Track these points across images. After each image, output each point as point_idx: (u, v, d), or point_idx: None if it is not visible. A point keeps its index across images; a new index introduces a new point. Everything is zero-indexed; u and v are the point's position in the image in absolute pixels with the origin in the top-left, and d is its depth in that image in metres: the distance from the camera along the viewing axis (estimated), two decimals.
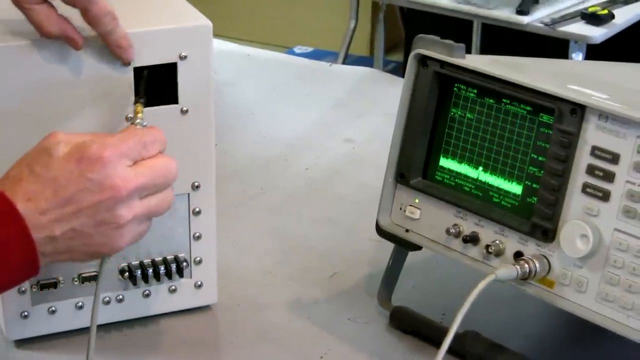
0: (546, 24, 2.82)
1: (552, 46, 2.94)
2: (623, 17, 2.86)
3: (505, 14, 2.86)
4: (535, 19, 2.84)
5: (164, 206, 1.10)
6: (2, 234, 0.99)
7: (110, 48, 1.16)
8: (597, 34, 2.77)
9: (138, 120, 1.15)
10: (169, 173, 1.09)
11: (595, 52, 2.83)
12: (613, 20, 2.82)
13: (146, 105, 1.20)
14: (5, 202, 1.00)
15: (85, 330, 1.28)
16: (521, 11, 2.85)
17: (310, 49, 4.41)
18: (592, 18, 2.81)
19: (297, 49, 4.41)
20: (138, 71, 1.20)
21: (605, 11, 2.83)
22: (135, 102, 1.17)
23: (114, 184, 1.03)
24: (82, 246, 1.05)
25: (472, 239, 1.20)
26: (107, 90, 1.18)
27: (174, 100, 1.23)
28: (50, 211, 1.02)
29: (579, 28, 2.80)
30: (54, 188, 1.02)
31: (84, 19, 1.13)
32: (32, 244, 1.01)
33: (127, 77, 1.19)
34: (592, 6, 2.90)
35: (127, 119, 1.19)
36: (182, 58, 1.21)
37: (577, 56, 2.83)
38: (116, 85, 1.19)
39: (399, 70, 4.08)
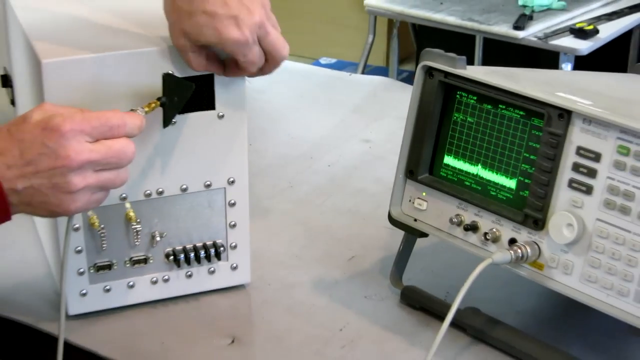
0: (539, 38, 2.81)
1: (544, 57, 2.94)
2: (607, 31, 2.85)
3: (504, 29, 2.86)
4: (529, 33, 2.83)
5: (117, 182, 1.08)
6: None
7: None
8: (584, 46, 2.77)
9: (139, 109, 1.13)
10: (123, 154, 1.07)
11: (582, 62, 2.82)
12: (598, 35, 2.81)
13: (187, 111, 1.21)
14: None
15: (135, 306, 1.29)
16: (517, 27, 2.84)
17: (334, 60, 4.42)
18: (580, 33, 2.80)
19: (322, 60, 4.41)
20: (166, 78, 1.18)
21: (591, 27, 2.82)
22: (158, 98, 1.16)
23: (66, 154, 1.02)
24: (41, 204, 1.04)
25: (472, 228, 1.20)
26: (155, 96, 1.18)
27: (212, 107, 1.23)
28: (14, 167, 1.02)
29: (568, 41, 2.80)
30: (21, 148, 1.02)
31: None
32: (1, 191, 1.01)
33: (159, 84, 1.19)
34: (580, 22, 2.89)
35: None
36: None
37: (567, 66, 2.82)
38: (151, 90, 1.19)
39: (411, 79, 4.06)
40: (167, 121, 1.18)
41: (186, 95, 1.17)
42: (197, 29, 1.12)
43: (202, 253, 1.29)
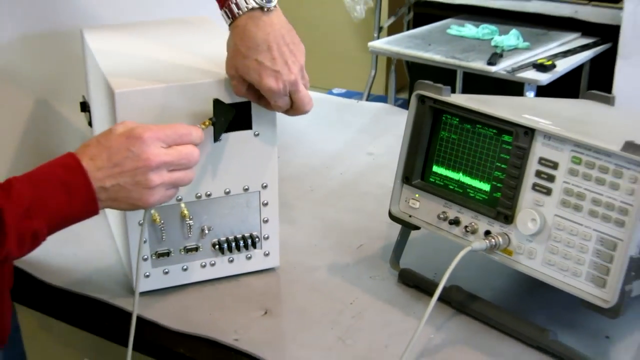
0: (508, 72, 2.81)
1: (512, 87, 2.93)
2: (562, 66, 2.84)
3: (479, 65, 2.85)
4: (500, 68, 2.83)
5: (186, 180, 1.09)
6: (72, 179, 1.01)
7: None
8: (544, 78, 2.76)
9: (199, 125, 1.15)
10: (191, 157, 1.09)
11: (542, 91, 2.81)
12: (555, 69, 2.81)
13: (230, 130, 1.21)
14: (74, 159, 1.02)
15: (189, 285, 1.30)
16: (490, 63, 2.84)
17: (344, 90, 4.41)
18: (540, 67, 2.80)
19: (334, 90, 4.40)
20: (216, 103, 1.19)
21: (550, 62, 2.81)
22: (210, 118, 1.17)
23: (147, 157, 1.04)
24: (125, 198, 1.05)
25: (455, 222, 1.20)
26: (206, 118, 1.19)
27: (249, 127, 1.23)
28: (104, 169, 1.02)
29: (531, 74, 2.79)
30: (109, 154, 1.03)
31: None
32: (92, 189, 1.02)
33: (210, 109, 1.20)
34: (540, 59, 2.88)
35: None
36: None
37: (530, 94, 2.81)
38: (205, 114, 1.19)
39: (405, 105, 4.06)
40: (216, 136, 1.19)
41: (229, 116, 1.19)
42: (246, 69, 1.14)
43: (241, 243, 1.30)
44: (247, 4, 1.13)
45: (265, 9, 1.13)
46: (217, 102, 1.18)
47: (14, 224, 0.95)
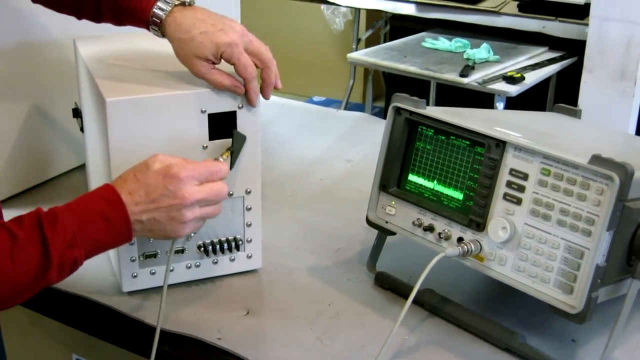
0: (479, 83, 2.81)
1: (482, 98, 2.93)
2: (531, 78, 2.85)
3: (452, 76, 2.85)
4: (472, 80, 2.83)
5: (215, 213, 1.11)
6: (112, 213, 1.02)
7: (248, 93, 1.20)
8: (513, 90, 2.76)
9: (221, 158, 1.17)
10: (221, 194, 1.10)
11: (512, 102, 2.82)
12: (524, 81, 2.81)
13: (215, 138, 1.20)
14: (115, 193, 1.03)
15: (174, 285, 1.29)
16: (462, 75, 2.84)
17: (323, 98, 4.41)
18: (510, 79, 2.80)
19: (315, 98, 4.40)
20: (211, 117, 1.19)
21: (519, 75, 2.82)
22: (228, 149, 1.19)
23: (183, 195, 1.05)
24: (159, 230, 1.06)
25: (430, 229, 1.20)
26: (193, 126, 1.18)
27: None
28: (141, 204, 1.03)
29: (501, 86, 2.79)
30: (146, 190, 1.04)
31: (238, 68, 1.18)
32: (129, 222, 1.03)
33: (204, 120, 1.19)
34: (510, 71, 2.89)
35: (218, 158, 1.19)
36: (240, 107, 1.21)
37: (500, 105, 2.82)
38: (198, 124, 1.19)
39: (381, 113, 4.07)
40: (232, 165, 1.21)
41: (242, 142, 1.21)
42: (200, 46, 1.15)
43: (225, 245, 1.29)
44: (169, 3, 1.18)
45: (187, 3, 1.19)
46: (235, 133, 1.19)
47: (58, 254, 0.97)
